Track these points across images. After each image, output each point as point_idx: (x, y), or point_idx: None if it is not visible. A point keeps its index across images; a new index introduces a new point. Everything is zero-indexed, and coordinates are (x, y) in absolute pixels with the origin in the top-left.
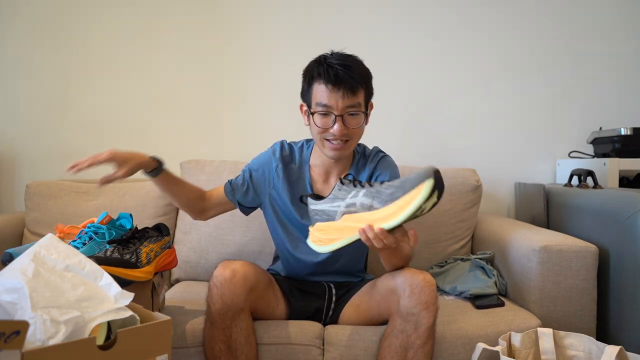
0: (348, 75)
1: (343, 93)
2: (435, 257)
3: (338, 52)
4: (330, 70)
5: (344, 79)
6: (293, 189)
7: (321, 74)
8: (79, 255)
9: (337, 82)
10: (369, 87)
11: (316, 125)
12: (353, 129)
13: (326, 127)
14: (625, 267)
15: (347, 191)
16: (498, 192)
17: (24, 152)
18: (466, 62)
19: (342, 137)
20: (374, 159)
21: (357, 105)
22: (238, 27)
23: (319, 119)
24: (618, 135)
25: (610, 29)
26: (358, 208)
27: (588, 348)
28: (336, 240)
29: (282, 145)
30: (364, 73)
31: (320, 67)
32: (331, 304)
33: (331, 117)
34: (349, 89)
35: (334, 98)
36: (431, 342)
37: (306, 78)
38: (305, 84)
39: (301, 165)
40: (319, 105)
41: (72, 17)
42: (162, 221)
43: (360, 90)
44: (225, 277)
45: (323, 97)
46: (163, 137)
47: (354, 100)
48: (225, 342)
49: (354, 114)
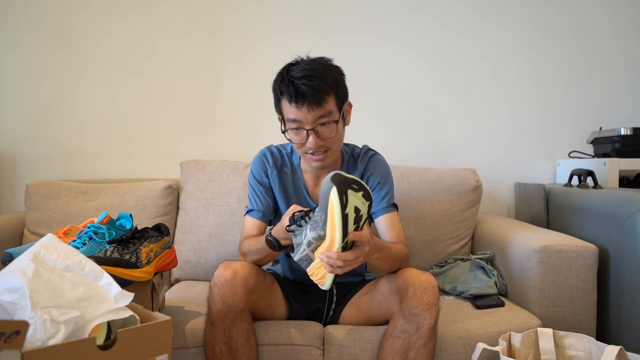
0: (310, 88)
1: (308, 107)
2: (435, 257)
3: (302, 61)
4: (291, 86)
5: (306, 93)
6: (288, 195)
7: (283, 91)
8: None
9: (300, 97)
10: (339, 90)
11: (292, 141)
12: (328, 138)
13: (301, 142)
14: (625, 267)
15: (300, 233)
16: (498, 192)
17: (24, 152)
18: (466, 62)
19: (319, 149)
20: (364, 159)
21: (328, 115)
22: (238, 27)
23: (293, 135)
24: (618, 135)
25: (610, 29)
26: (316, 243)
27: (588, 348)
28: (325, 276)
29: (270, 151)
30: (330, 79)
31: (282, 84)
32: (332, 304)
33: (303, 131)
34: (314, 102)
35: (302, 112)
36: (433, 342)
37: (274, 93)
38: (275, 99)
39: (294, 170)
40: (289, 121)
41: (72, 18)
42: (162, 221)
43: (328, 98)
44: (227, 277)
45: (291, 113)
46: (163, 137)
47: (322, 111)
48: (226, 343)
49: (326, 124)
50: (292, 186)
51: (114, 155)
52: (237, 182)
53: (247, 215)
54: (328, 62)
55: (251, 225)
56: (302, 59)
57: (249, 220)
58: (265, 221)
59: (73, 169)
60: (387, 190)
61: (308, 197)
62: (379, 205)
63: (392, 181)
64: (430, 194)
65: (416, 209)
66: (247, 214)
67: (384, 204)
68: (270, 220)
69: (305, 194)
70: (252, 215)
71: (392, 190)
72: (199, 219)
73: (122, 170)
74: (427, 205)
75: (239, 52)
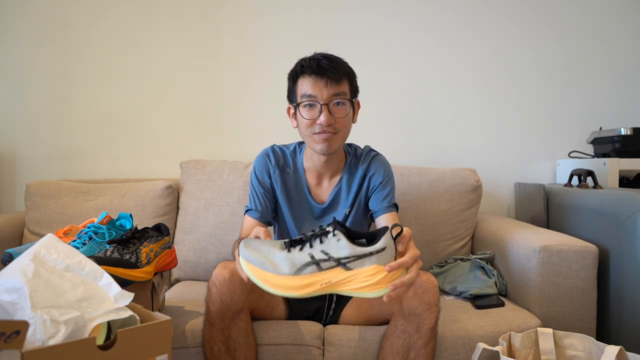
0: (331, 66)
1: (327, 81)
2: (435, 257)
3: (320, 53)
4: (313, 61)
5: (326, 68)
6: (290, 195)
7: (304, 66)
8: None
9: (320, 71)
10: (353, 83)
11: (303, 117)
12: (339, 118)
13: (313, 118)
14: (625, 267)
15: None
16: (498, 192)
17: (24, 152)
18: (466, 62)
19: (329, 128)
20: (366, 159)
21: (342, 94)
22: (238, 27)
23: (305, 111)
24: (618, 135)
25: (610, 29)
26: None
27: (588, 348)
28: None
29: (273, 150)
30: (348, 68)
31: (304, 61)
32: (332, 304)
33: (317, 107)
34: (333, 77)
35: (318, 87)
36: (433, 342)
37: (291, 78)
38: (291, 83)
39: (296, 170)
40: (304, 97)
41: (72, 18)
42: (162, 221)
43: (344, 81)
44: (224, 277)
45: (307, 88)
46: (163, 137)
47: (339, 89)
48: (224, 343)
49: (340, 103)
50: (294, 186)
51: (114, 155)
52: (237, 182)
53: (245, 215)
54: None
55: (249, 224)
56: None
57: (248, 220)
58: (263, 222)
59: (73, 169)
60: (389, 191)
61: (310, 197)
62: (380, 204)
63: (393, 182)
64: (430, 194)
65: (416, 209)
66: (246, 213)
67: (386, 204)
68: (269, 222)
69: (307, 194)
70: (250, 214)
71: (394, 190)
72: (199, 219)
73: (122, 170)
74: (427, 205)
75: (239, 53)
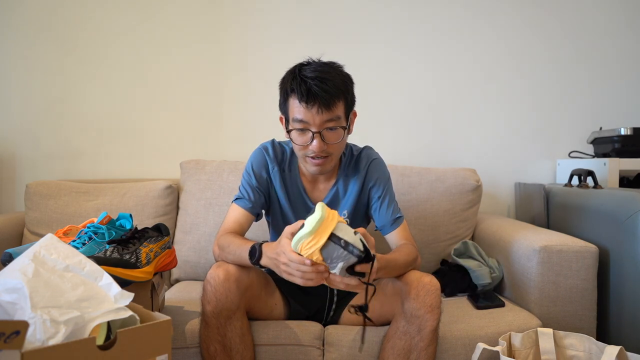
0: (322, 90)
1: (318, 109)
2: (436, 257)
3: (314, 62)
4: (303, 85)
5: (317, 94)
6: (289, 193)
7: (294, 89)
8: (79, 255)
9: (311, 97)
10: (349, 97)
11: (295, 142)
12: (332, 144)
13: (305, 144)
14: (625, 267)
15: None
16: (498, 192)
17: (24, 152)
18: (467, 63)
19: (322, 153)
20: (365, 164)
21: (336, 119)
22: (238, 27)
23: (296, 136)
24: (618, 135)
25: (611, 29)
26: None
27: (588, 348)
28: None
29: (273, 145)
30: (341, 84)
31: (294, 82)
32: (332, 304)
33: (309, 133)
34: (324, 104)
35: (310, 114)
36: (434, 344)
37: (282, 90)
38: (282, 97)
39: (292, 170)
40: (295, 122)
41: (71, 18)
42: (162, 221)
43: (338, 103)
44: (219, 277)
45: (299, 113)
46: (163, 137)
47: (331, 115)
48: (220, 342)
49: (333, 129)
50: (291, 185)
51: (114, 155)
52: (237, 182)
53: (234, 203)
54: (340, 67)
55: (237, 214)
56: (313, 60)
57: (236, 209)
58: (253, 213)
59: (73, 169)
60: (389, 201)
61: (307, 199)
62: (384, 219)
63: (392, 188)
64: (430, 194)
65: (416, 209)
66: (234, 202)
67: (391, 219)
68: (258, 214)
69: (305, 196)
70: (239, 203)
71: (394, 198)
72: (199, 219)
73: (122, 170)
74: (427, 205)
75: (240, 53)
